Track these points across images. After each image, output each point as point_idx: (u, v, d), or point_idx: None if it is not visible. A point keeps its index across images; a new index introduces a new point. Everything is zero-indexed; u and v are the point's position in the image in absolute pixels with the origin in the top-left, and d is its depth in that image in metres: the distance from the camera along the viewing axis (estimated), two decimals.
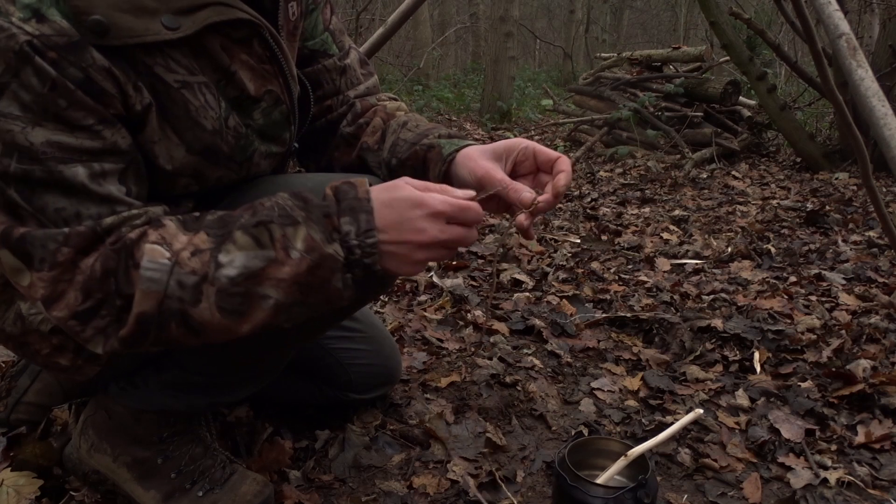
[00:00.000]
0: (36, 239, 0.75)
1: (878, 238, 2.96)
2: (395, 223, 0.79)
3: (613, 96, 6.00)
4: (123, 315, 0.78)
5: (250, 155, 0.95)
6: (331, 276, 0.79)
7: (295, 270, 0.78)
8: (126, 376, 1.07)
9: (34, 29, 0.70)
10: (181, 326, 0.79)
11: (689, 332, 1.87)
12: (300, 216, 0.79)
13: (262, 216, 0.79)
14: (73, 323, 0.78)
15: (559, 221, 3.40)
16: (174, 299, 0.77)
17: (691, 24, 16.53)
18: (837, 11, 1.42)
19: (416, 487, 1.22)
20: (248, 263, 0.77)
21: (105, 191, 0.77)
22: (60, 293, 0.77)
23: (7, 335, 0.95)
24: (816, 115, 6.35)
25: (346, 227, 0.79)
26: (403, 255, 0.81)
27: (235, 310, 0.78)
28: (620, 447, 1.14)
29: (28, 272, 0.76)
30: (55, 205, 0.75)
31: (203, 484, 1.10)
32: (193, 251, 0.77)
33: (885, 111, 1.33)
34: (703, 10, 5.10)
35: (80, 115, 0.74)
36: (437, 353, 1.73)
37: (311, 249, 0.78)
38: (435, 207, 0.80)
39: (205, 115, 0.86)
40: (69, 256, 0.76)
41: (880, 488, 1.27)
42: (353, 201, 0.80)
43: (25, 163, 0.73)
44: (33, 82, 0.71)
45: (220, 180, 0.93)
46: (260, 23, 0.88)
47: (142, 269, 0.76)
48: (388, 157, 1.07)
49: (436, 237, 0.80)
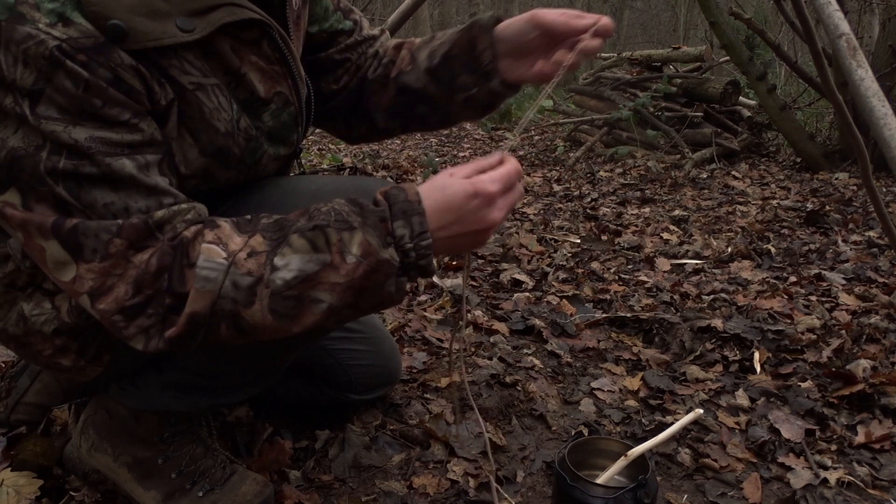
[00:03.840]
0: (89, 229, 0.75)
1: (878, 238, 2.96)
2: (456, 220, 0.80)
3: (613, 96, 6.00)
4: (170, 315, 0.77)
5: (259, 157, 0.95)
6: (385, 281, 0.80)
7: (350, 275, 0.78)
8: (127, 377, 1.07)
9: (61, 33, 0.71)
10: (231, 328, 0.79)
11: (689, 332, 1.87)
12: (356, 221, 0.79)
13: (318, 220, 0.79)
14: (118, 318, 0.78)
15: (559, 221, 3.40)
16: (228, 300, 0.77)
17: (691, 24, 16.52)
18: (837, 11, 1.42)
19: (416, 487, 1.22)
20: (303, 267, 0.77)
21: (152, 181, 0.78)
22: (110, 287, 0.76)
23: (9, 336, 0.95)
24: (816, 115, 6.35)
25: (399, 231, 0.79)
26: (466, 244, 0.84)
27: (287, 313, 0.78)
28: (620, 447, 1.14)
29: (74, 265, 0.76)
30: (104, 200, 0.75)
31: (203, 484, 1.10)
32: (250, 252, 0.77)
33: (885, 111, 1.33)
34: (703, 10, 5.10)
35: (117, 112, 0.75)
36: (437, 353, 1.73)
37: (368, 254, 0.78)
38: (490, 191, 0.80)
39: (218, 118, 0.86)
40: (122, 248, 0.76)
41: (880, 488, 1.27)
42: (404, 204, 0.80)
43: (74, 158, 0.73)
44: (67, 85, 0.71)
45: (227, 182, 0.94)
46: (270, 23, 0.88)
47: (197, 267, 0.76)
48: (428, 63, 1.06)
49: (498, 219, 0.82)
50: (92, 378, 1.00)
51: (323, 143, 6.58)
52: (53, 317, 0.91)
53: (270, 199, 0.98)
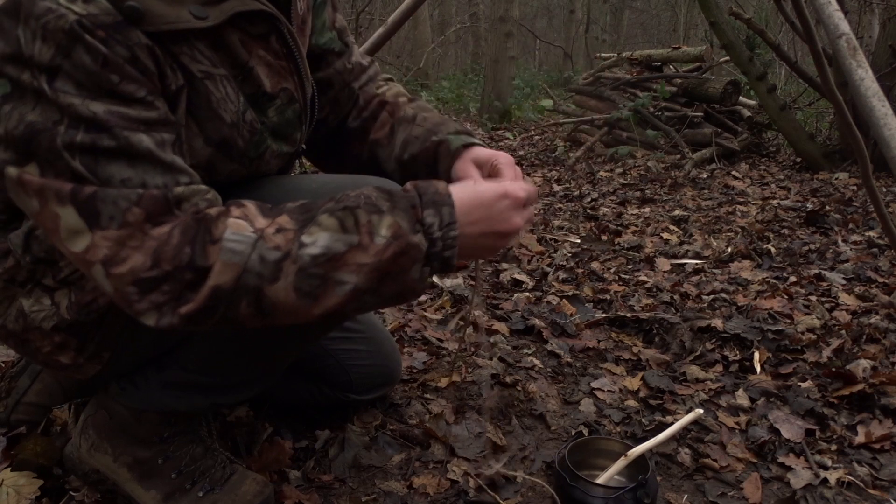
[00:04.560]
0: (108, 196, 0.74)
1: (878, 238, 2.96)
2: (485, 216, 0.85)
3: (613, 96, 6.00)
4: (187, 293, 0.76)
5: (262, 152, 0.95)
6: (411, 266, 0.81)
7: (379, 256, 0.78)
8: (127, 376, 1.07)
9: (82, 9, 0.72)
10: (252, 305, 0.78)
11: (689, 332, 1.87)
12: (385, 206, 0.80)
13: (347, 202, 0.80)
14: (131, 290, 0.76)
15: (559, 221, 3.40)
16: (253, 274, 0.76)
17: (691, 24, 16.52)
18: (837, 11, 1.42)
19: (416, 487, 1.22)
20: (331, 245, 0.77)
21: (169, 158, 0.78)
22: (125, 257, 0.75)
23: (8, 332, 0.95)
24: (816, 115, 6.35)
25: (429, 220, 0.80)
26: (489, 245, 0.87)
27: (311, 292, 0.78)
28: (620, 447, 1.15)
29: (88, 233, 0.75)
30: (121, 175, 0.75)
31: (203, 484, 1.10)
32: (278, 228, 0.78)
33: (885, 111, 1.33)
34: (703, 10, 5.10)
35: (133, 89, 0.75)
36: (437, 353, 1.73)
37: (398, 236, 0.79)
38: (519, 195, 0.87)
39: (225, 108, 0.86)
40: (139, 218, 0.75)
41: (880, 488, 1.27)
42: (434, 195, 0.82)
43: (92, 132, 0.73)
44: (86, 60, 0.72)
45: (230, 175, 0.94)
46: (279, 18, 0.89)
47: (224, 240, 0.76)
48: (400, 153, 1.12)
49: (520, 224, 0.87)
50: (91, 376, 1.00)
51: None
52: (53, 313, 0.91)
53: (271, 195, 0.98)
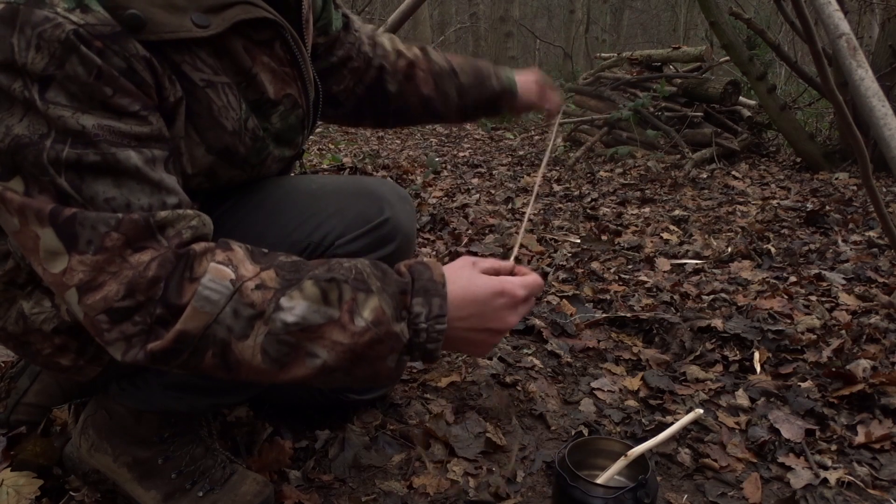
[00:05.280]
0: (87, 219, 0.72)
1: (878, 238, 2.96)
2: (477, 313, 0.81)
3: (613, 96, 6.00)
4: (157, 328, 0.74)
5: (264, 158, 0.95)
6: (388, 355, 0.78)
7: (355, 339, 0.76)
8: (127, 377, 1.07)
9: (79, 18, 0.71)
10: (217, 357, 0.75)
11: (689, 332, 1.87)
12: (375, 286, 0.77)
13: (336, 273, 0.77)
14: (102, 318, 0.74)
15: (559, 221, 3.40)
16: (223, 327, 0.74)
17: (691, 24, 16.52)
18: (837, 11, 1.42)
19: (416, 487, 1.22)
20: (307, 315, 0.75)
21: (157, 177, 0.76)
22: (101, 283, 0.73)
23: (8, 334, 0.94)
24: (816, 115, 6.35)
25: (416, 309, 0.78)
26: (480, 340, 0.83)
27: (278, 359, 0.76)
28: (620, 447, 1.14)
29: (66, 256, 0.73)
30: (105, 194, 0.73)
31: (203, 484, 1.10)
32: (258, 284, 0.75)
33: (885, 111, 1.33)
34: (703, 10, 5.10)
35: (127, 102, 0.74)
36: None
37: (379, 323, 0.76)
38: (517, 295, 0.82)
39: (226, 116, 0.86)
40: (118, 243, 0.73)
41: (880, 488, 1.27)
42: (427, 283, 0.79)
43: (79, 147, 0.71)
44: (79, 71, 0.71)
45: (231, 181, 0.94)
46: (283, 25, 0.89)
47: (201, 285, 0.73)
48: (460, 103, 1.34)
49: (514, 323, 0.83)
50: (91, 378, 1.00)
51: (323, 144, 6.58)
52: (53, 315, 0.91)
53: (271, 198, 0.98)
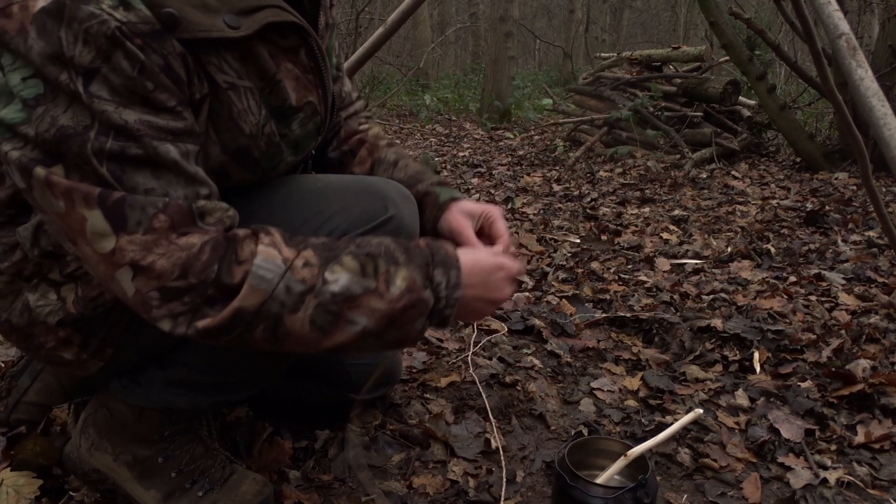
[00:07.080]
0: (136, 202, 0.76)
1: (878, 238, 2.96)
2: (482, 283, 0.94)
3: (613, 96, 6.00)
4: (205, 308, 0.79)
5: (277, 163, 0.97)
6: (417, 318, 0.87)
7: (392, 305, 0.85)
8: (129, 373, 1.07)
9: (122, 16, 0.73)
10: (268, 331, 0.81)
11: (689, 332, 1.87)
12: (402, 258, 0.87)
13: (369, 249, 0.86)
14: (154, 294, 0.78)
15: (559, 221, 3.40)
16: (277, 302, 0.80)
17: (691, 24, 16.53)
18: (837, 11, 1.42)
19: (415, 487, 1.22)
20: (350, 286, 0.83)
21: (193, 169, 0.80)
22: (151, 262, 0.77)
23: (13, 326, 0.95)
24: (816, 115, 6.34)
25: (438, 279, 0.88)
26: (480, 309, 0.97)
27: (324, 327, 0.83)
28: (620, 447, 1.14)
29: (113, 237, 0.76)
30: (145, 185, 0.77)
31: (203, 483, 1.10)
32: (305, 262, 0.82)
33: (884, 111, 1.33)
34: (703, 10, 5.10)
35: (165, 98, 0.77)
36: (437, 353, 1.73)
37: (411, 290, 0.85)
38: (513, 269, 0.98)
39: (245, 119, 0.88)
40: (165, 225, 0.77)
41: (880, 488, 1.27)
42: (444, 257, 0.90)
43: (122, 140, 0.75)
44: (124, 66, 0.73)
45: (241, 182, 0.95)
46: (309, 31, 0.91)
47: (254, 265, 0.79)
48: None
49: (509, 294, 0.99)
50: (92, 373, 1.00)
51: None
52: (59, 308, 0.92)
53: (278, 196, 0.99)
